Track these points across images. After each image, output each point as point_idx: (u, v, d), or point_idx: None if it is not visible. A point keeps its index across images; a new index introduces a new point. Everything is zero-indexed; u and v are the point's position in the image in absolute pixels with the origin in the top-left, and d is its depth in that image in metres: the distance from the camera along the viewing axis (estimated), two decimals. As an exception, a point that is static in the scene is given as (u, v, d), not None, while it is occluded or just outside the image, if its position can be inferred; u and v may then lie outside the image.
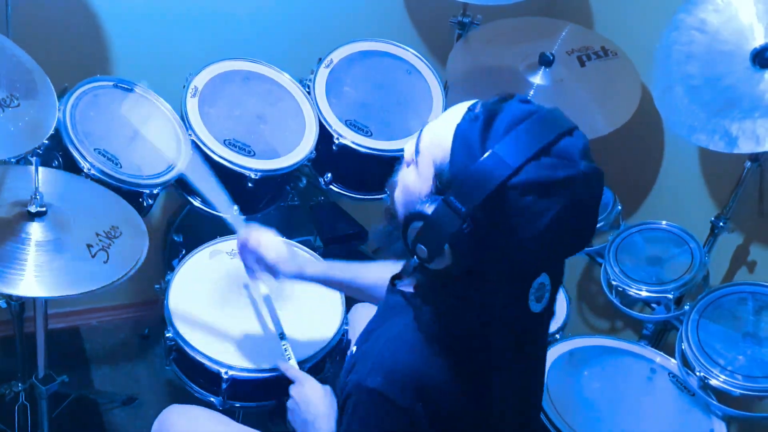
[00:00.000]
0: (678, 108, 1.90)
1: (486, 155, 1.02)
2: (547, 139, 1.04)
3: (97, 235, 1.70)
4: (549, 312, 1.28)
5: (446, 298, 1.16)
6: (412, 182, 1.15)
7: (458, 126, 1.08)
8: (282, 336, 1.77)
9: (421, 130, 1.15)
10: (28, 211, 1.65)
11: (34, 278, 1.57)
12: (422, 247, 1.10)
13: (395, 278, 1.33)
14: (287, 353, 1.74)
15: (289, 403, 1.52)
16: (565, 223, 1.05)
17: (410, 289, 1.25)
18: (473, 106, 1.09)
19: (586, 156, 1.07)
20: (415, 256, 1.13)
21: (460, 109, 1.11)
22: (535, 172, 1.02)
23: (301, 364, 1.80)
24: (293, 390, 1.52)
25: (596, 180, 1.08)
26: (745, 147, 1.77)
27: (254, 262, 1.68)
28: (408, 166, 1.18)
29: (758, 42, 1.85)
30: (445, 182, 1.08)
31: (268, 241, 1.66)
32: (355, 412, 1.16)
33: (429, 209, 1.07)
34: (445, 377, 1.15)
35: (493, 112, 1.07)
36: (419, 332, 1.16)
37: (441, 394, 1.15)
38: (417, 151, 1.14)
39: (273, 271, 1.66)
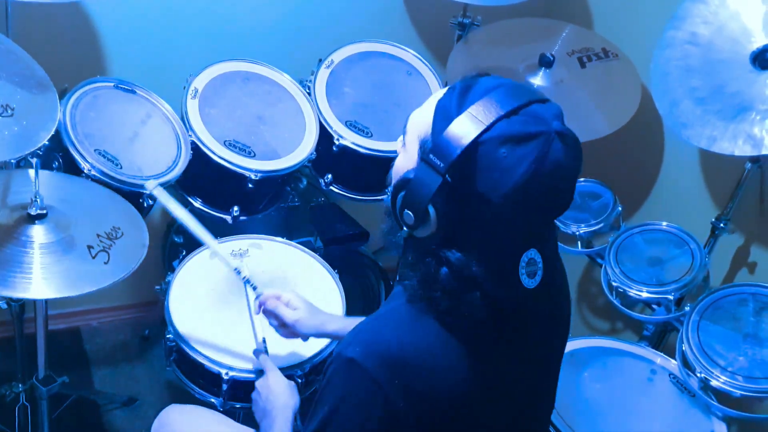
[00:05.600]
0: (692, 121, 1.91)
1: (460, 115, 1.09)
2: (519, 102, 1.10)
3: (98, 236, 1.70)
4: (549, 289, 1.24)
5: (430, 264, 1.17)
6: (401, 163, 1.21)
7: (439, 100, 1.16)
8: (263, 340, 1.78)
9: (408, 116, 1.21)
10: (29, 214, 1.65)
11: (36, 280, 1.57)
12: (408, 212, 1.15)
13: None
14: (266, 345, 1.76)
15: (253, 394, 1.58)
16: (538, 180, 1.08)
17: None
18: (453, 84, 1.17)
19: (558, 119, 1.12)
20: (404, 227, 1.17)
21: (442, 90, 1.18)
22: (506, 127, 1.08)
23: (302, 364, 1.80)
24: (258, 382, 1.59)
25: (572, 143, 1.12)
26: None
27: (274, 319, 1.70)
28: (398, 153, 1.23)
29: (755, 45, 1.87)
30: (427, 151, 1.12)
31: (290, 300, 1.68)
32: (330, 380, 1.18)
33: (412, 174, 1.14)
34: (428, 357, 1.15)
35: (469, 83, 1.15)
36: (409, 310, 1.18)
37: (421, 372, 1.15)
38: (404, 132, 1.20)
39: (293, 329, 1.67)
